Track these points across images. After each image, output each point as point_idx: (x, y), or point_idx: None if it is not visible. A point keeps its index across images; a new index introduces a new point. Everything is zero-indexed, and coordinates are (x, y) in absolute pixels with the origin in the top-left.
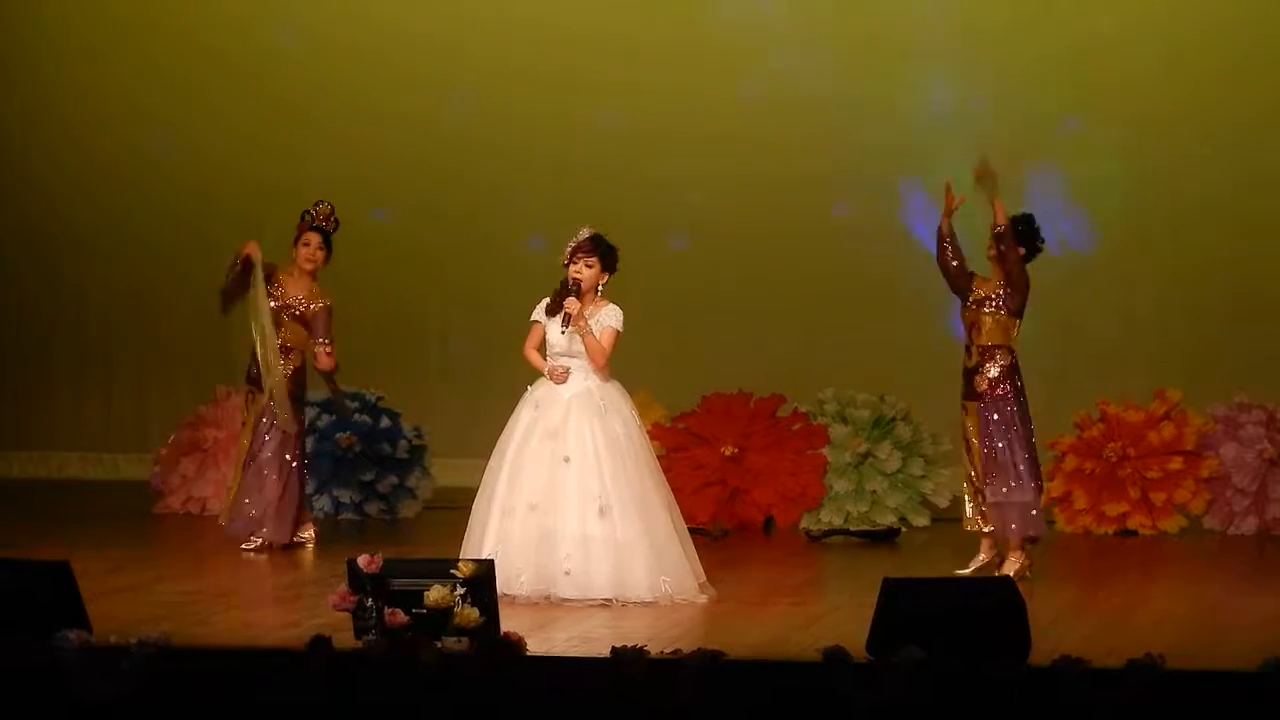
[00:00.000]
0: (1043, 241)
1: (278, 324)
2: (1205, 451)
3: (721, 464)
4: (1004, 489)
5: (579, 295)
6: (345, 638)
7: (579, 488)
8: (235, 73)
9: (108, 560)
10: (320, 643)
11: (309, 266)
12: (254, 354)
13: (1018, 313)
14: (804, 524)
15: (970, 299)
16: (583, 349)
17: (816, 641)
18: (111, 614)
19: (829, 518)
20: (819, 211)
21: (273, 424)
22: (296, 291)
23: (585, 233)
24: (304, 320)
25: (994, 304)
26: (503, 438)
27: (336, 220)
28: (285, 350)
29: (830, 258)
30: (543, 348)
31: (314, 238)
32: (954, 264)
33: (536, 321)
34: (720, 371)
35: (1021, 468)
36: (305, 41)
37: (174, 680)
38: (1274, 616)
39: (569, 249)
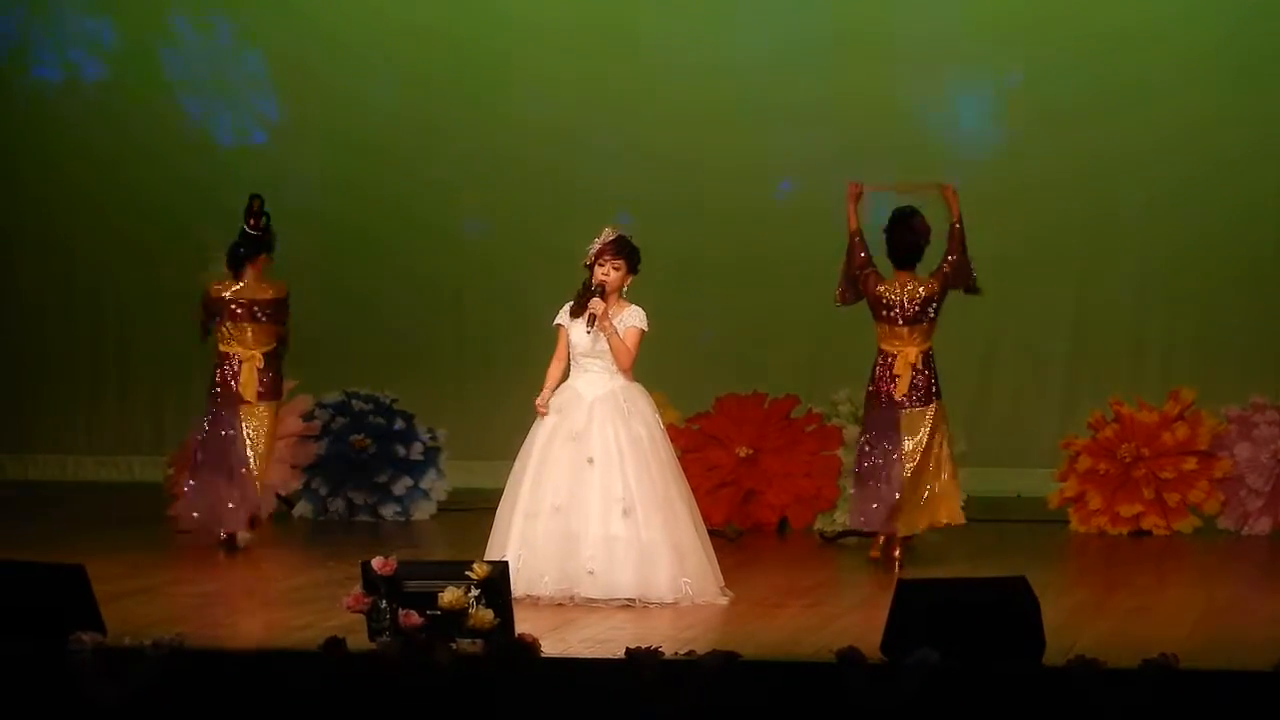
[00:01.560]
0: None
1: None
2: (1219, 452)
3: (736, 465)
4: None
5: (604, 296)
6: (360, 639)
7: (602, 489)
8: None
9: (122, 563)
10: (335, 644)
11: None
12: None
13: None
14: (818, 525)
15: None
16: (607, 349)
17: (831, 643)
18: (126, 616)
19: (843, 519)
20: (833, 216)
21: (209, 424)
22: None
23: (610, 234)
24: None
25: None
26: (526, 443)
27: (266, 214)
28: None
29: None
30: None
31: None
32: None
33: (560, 325)
34: (734, 373)
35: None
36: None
37: (188, 682)
38: None
39: (594, 250)
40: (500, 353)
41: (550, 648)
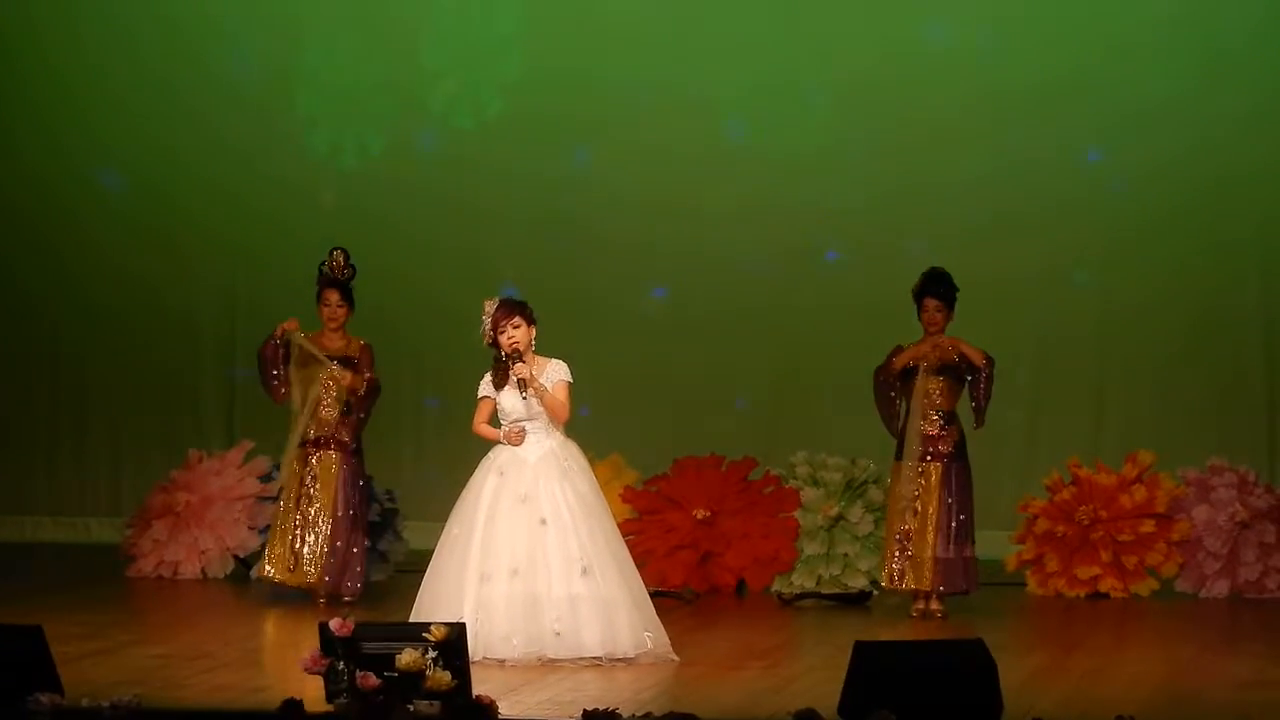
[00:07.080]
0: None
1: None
2: (1177, 514)
3: (693, 527)
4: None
5: (523, 359)
6: (317, 701)
7: (560, 550)
8: (219, 139)
9: (80, 624)
10: (292, 706)
11: (334, 326)
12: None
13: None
14: (776, 587)
15: (922, 368)
16: (542, 410)
17: (789, 704)
18: (84, 677)
19: (801, 580)
20: (793, 278)
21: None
22: (333, 345)
23: (494, 302)
24: (352, 364)
25: (951, 373)
26: (464, 505)
27: (353, 267)
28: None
29: (801, 323)
30: (493, 421)
31: (332, 295)
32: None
33: (486, 397)
34: (692, 435)
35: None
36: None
37: None
38: (1246, 680)
39: (488, 325)
40: (458, 415)
41: (508, 709)
